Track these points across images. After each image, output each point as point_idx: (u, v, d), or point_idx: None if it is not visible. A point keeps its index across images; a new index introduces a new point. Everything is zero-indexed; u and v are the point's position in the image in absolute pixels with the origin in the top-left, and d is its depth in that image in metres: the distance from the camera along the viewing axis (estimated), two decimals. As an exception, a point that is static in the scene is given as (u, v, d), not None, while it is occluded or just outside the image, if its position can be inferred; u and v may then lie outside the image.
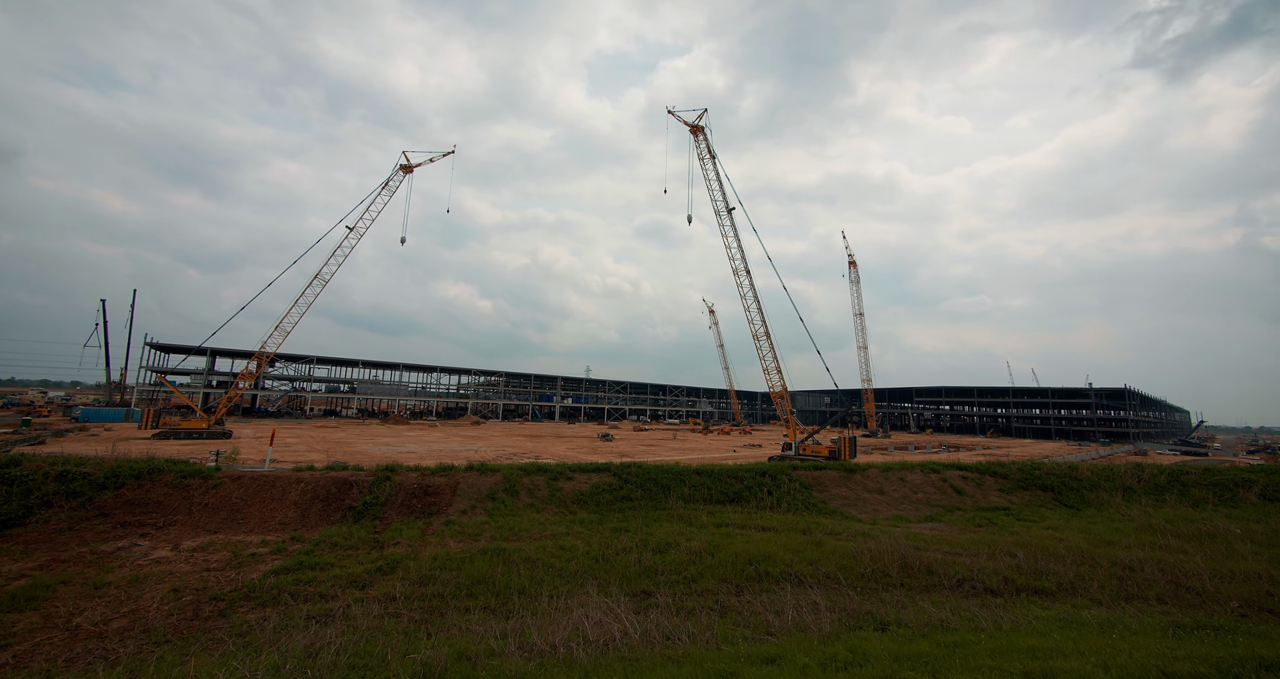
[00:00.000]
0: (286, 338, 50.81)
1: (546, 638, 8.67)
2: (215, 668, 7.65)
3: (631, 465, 26.81)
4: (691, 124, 48.34)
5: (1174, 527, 21.31)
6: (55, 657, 10.69)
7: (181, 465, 22.24)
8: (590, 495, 23.52)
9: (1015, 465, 32.76)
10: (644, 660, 7.77)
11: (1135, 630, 9.71)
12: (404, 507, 21.16)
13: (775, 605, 11.36)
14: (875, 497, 27.47)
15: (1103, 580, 14.33)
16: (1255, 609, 12.38)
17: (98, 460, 21.81)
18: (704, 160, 47.30)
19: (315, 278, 50.97)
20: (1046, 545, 17.86)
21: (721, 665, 7.37)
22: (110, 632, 11.92)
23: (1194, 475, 32.21)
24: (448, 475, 23.51)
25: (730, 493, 25.22)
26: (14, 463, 20.50)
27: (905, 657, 7.56)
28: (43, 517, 18.36)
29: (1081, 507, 27.67)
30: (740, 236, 45.67)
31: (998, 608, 11.56)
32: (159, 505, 19.78)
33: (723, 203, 46.13)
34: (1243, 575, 14.84)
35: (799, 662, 7.42)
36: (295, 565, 15.80)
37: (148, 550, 16.93)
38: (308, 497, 21.04)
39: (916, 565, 15.31)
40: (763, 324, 45.34)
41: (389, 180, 53.84)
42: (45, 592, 13.73)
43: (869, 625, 9.97)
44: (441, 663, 7.56)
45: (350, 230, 52.05)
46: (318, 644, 8.75)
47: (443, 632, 10.19)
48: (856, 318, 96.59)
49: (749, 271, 45.47)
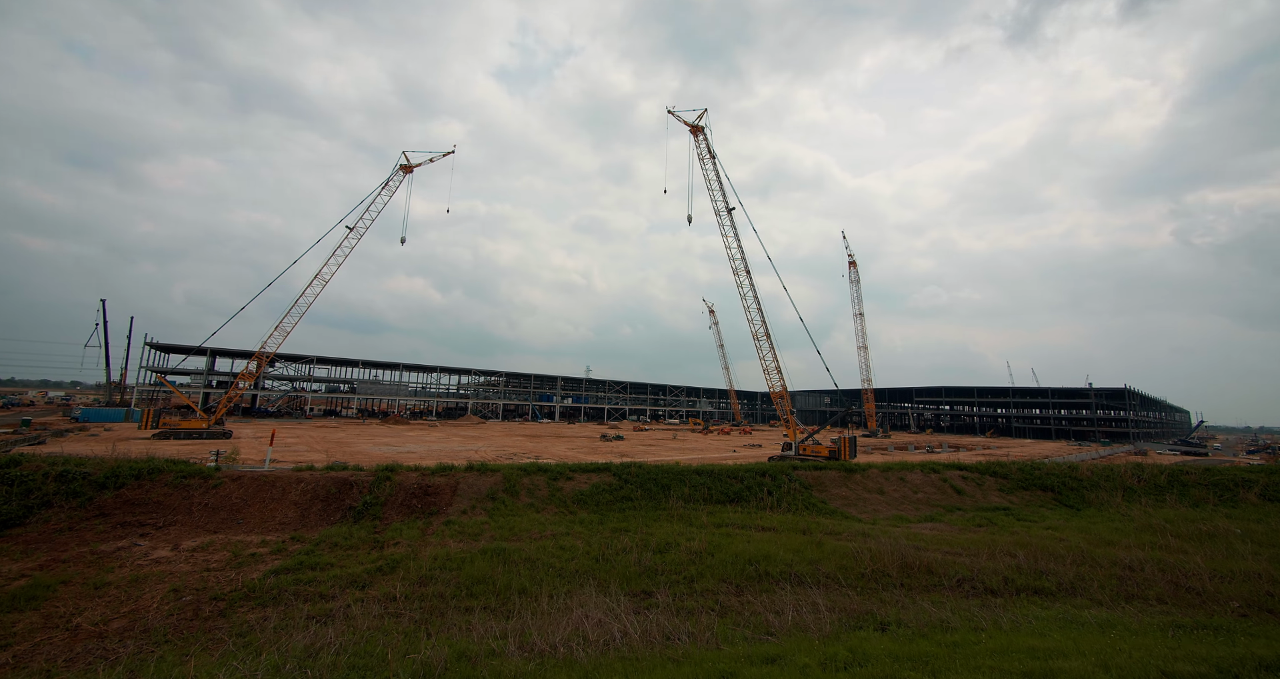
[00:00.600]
0: (286, 338, 50.86)
1: (546, 638, 8.66)
2: (215, 668, 7.64)
3: (631, 465, 26.81)
4: (691, 124, 48.34)
5: (1174, 527, 21.31)
6: (55, 657, 10.68)
7: (181, 465, 22.23)
8: (590, 495, 23.51)
9: (1015, 465, 32.75)
10: (644, 660, 7.76)
11: (1135, 630, 9.71)
12: (404, 507, 21.16)
13: (775, 605, 11.36)
14: (875, 497, 27.46)
15: (1103, 580, 14.33)
16: (1255, 609, 12.37)
17: (98, 460, 21.80)
18: (704, 160, 47.30)
19: (315, 278, 50.98)
20: (1046, 545, 17.85)
21: (721, 665, 7.36)
22: (110, 632, 11.92)
23: (1194, 475, 32.20)
24: (448, 475, 23.51)
25: (730, 493, 25.22)
26: (14, 463, 20.50)
27: (905, 657, 7.55)
28: (43, 517, 18.36)
29: (1081, 507, 27.66)
30: (735, 236, 45.69)
31: (998, 608, 11.56)
32: (159, 505, 19.78)
33: (723, 203, 46.14)
34: (1243, 575, 14.84)
35: (799, 662, 7.41)
36: (295, 565, 15.79)
37: (148, 550, 16.93)
38: (308, 497, 21.04)
39: (916, 565, 15.30)
40: (763, 324, 45.35)
41: (389, 180, 53.85)
42: (45, 592, 13.72)
43: (869, 625, 9.96)
44: (441, 663, 7.56)
45: (350, 230, 52.07)
46: (318, 644, 8.74)
47: (443, 632, 10.19)
48: (857, 318, 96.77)
49: (749, 272, 45.49)
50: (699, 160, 47.61)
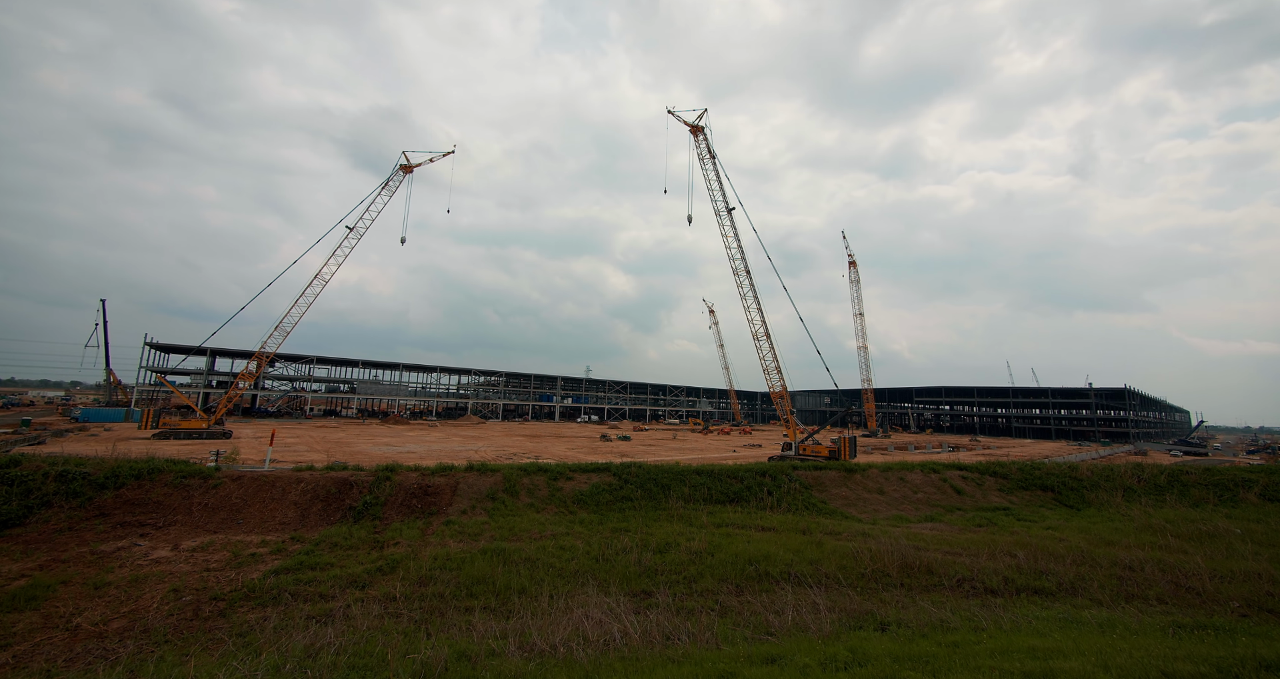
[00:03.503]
0: (286, 338, 50.85)
1: (546, 638, 8.65)
2: (215, 668, 7.63)
3: (631, 465, 26.80)
4: (691, 124, 48.34)
5: (1174, 527, 21.31)
6: (55, 657, 10.68)
7: (181, 465, 22.22)
8: (590, 495, 23.50)
9: (1015, 465, 32.74)
10: (644, 660, 7.75)
11: (1135, 630, 9.70)
12: (404, 507, 21.15)
13: (775, 605, 11.35)
14: (875, 497, 27.46)
15: (1103, 580, 14.32)
16: (1256, 609, 12.37)
17: (98, 460, 21.79)
18: (704, 160, 47.30)
19: (315, 277, 50.99)
20: (1046, 545, 17.85)
21: (722, 665, 7.35)
22: (110, 632, 11.92)
23: (1194, 475, 32.19)
24: (448, 475, 23.50)
25: (730, 493, 25.21)
26: (14, 463, 20.49)
27: (905, 657, 7.54)
28: (43, 517, 18.35)
29: (1081, 507, 27.66)
30: (736, 236, 45.66)
31: (998, 608, 11.55)
32: (159, 505, 19.77)
33: (723, 203, 46.15)
34: (1243, 575, 14.84)
35: (799, 662, 7.40)
36: (295, 565, 15.78)
37: (148, 550, 16.92)
38: (308, 497, 21.03)
39: (916, 565, 15.30)
40: (763, 324, 45.34)
41: (389, 180, 53.85)
42: (45, 592, 13.72)
43: (869, 625, 9.95)
44: (441, 663, 7.55)
45: (350, 230, 52.07)
46: (318, 644, 8.74)
47: (443, 632, 10.18)
48: (857, 318, 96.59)
49: (749, 272, 45.47)
50: (699, 161, 47.63)
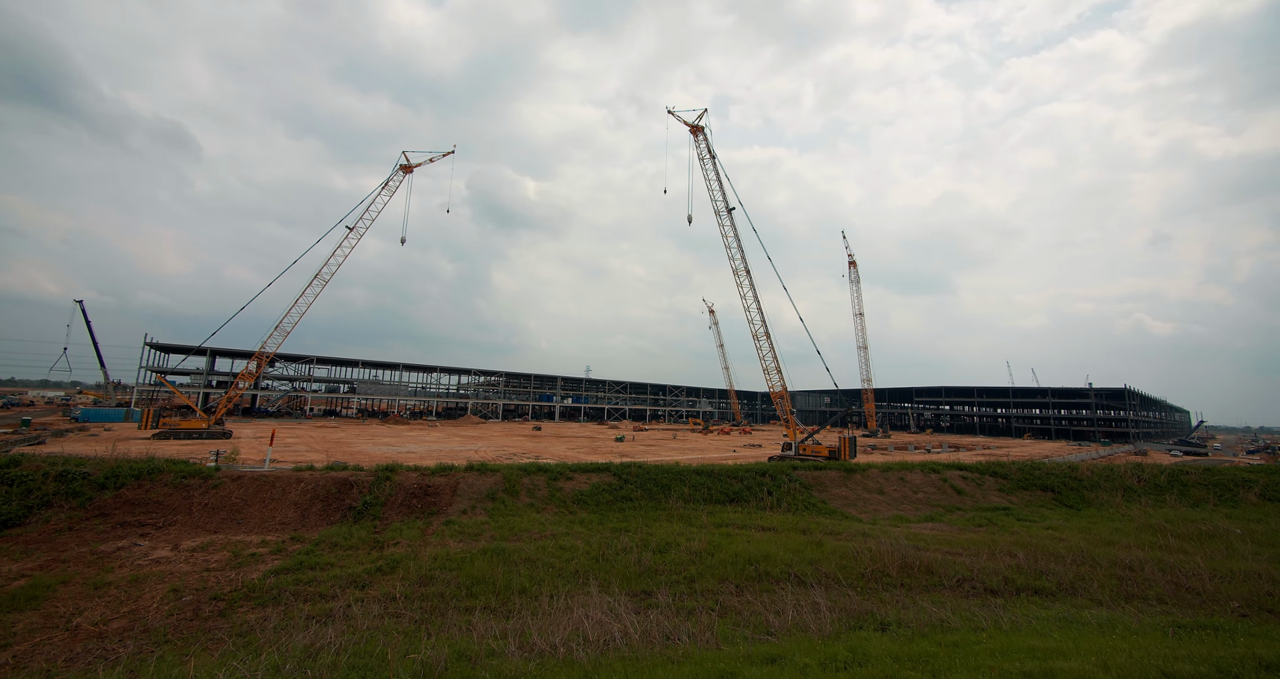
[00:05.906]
0: (286, 338, 50.84)
1: (547, 638, 8.65)
2: (215, 668, 7.63)
3: (631, 465, 26.80)
4: (691, 124, 48.33)
5: (1174, 527, 21.31)
6: (55, 657, 10.67)
7: (181, 465, 22.22)
8: (590, 495, 23.51)
9: (1015, 465, 32.75)
10: (644, 660, 7.75)
11: (1135, 630, 9.70)
12: (404, 507, 21.15)
13: (775, 605, 11.35)
14: (875, 497, 27.46)
15: (1103, 580, 14.33)
16: (1256, 609, 12.37)
17: (98, 460, 21.79)
18: (704, 160, 47.28)
19: (315, 278, 50.98)
20: (1046, 545, 17.86)
21: (722, 665, 7.35)
22: (110, 632, 11.92)
23: (1194, 475, 32.21)
24: (448, 475, 23.50)
25: (730, 493, 25.21)
26: (14, 463, 20.49)
27: (906, 656, 7.54)
28: (43, 517, 18.35)
29: (1082, 507, 27.66)
30: (736, 236, 45.64)
31: (998, 608, 11.55)
32: (159, 505, 19.77)
33: (723, 203, 46.13)
34: (1243, 575, 14.84)
35: (799, 662, 7.40)
36: (295, 565, 15.78)
37: (148, 550, 16.92)
38: (308, 497, 21.03)
39: (916, 565, 15.30)
40: (763, 324, 45.33)
41: (389, 180, 53.84)
42: (45, 592, 13.72)
43: (869, 625, 9.95)
44: (441, 663, 7.55)
45: (350, 230, 52.06)
46: (318, 644, 8.73)
47: (443, 632, 10.18)
48: (856, 318, 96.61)
49: (749, 271, 45.46)
50: (699, 161, 47.62)
